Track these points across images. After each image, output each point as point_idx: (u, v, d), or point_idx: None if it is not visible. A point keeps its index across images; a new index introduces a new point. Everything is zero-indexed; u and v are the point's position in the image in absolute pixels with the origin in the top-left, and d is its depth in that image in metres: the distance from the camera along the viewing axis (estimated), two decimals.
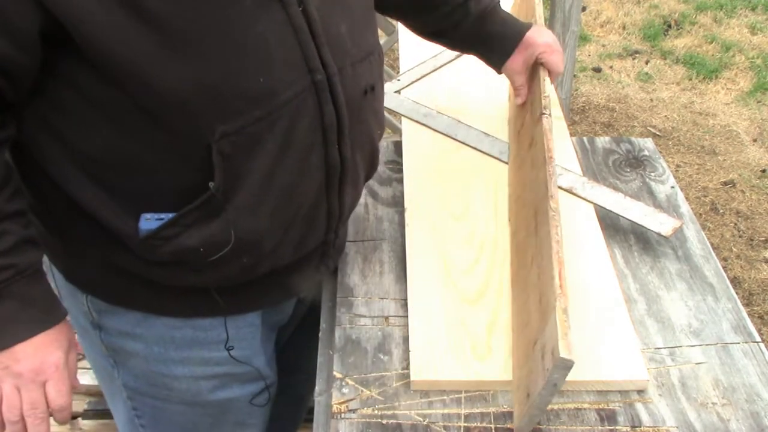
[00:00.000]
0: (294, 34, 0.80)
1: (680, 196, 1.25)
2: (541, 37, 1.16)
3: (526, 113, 1.19)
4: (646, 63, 3.57)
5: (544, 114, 1.05)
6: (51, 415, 0.86)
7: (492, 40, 1.16)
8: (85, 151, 0.80)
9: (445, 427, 0.88)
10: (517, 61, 1.17)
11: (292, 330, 1.18)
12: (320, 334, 1.04)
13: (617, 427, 0.88)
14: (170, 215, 0.82)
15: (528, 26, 1.17)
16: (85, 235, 0.88)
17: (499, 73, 1.20)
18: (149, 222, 0.82)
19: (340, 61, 0.85)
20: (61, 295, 0.98)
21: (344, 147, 0.89)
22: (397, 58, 1.68)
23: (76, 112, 0.78)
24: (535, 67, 1.17)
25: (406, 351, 0.96)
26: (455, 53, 1.52)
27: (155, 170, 0.81)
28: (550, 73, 1.16)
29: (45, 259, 0.88)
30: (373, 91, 0.94)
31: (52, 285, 0.88)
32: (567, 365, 0.73)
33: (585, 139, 1.39)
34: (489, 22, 1.14)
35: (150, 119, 0.77)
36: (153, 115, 0.76)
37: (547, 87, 1.12)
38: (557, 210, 0.91)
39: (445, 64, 1.49)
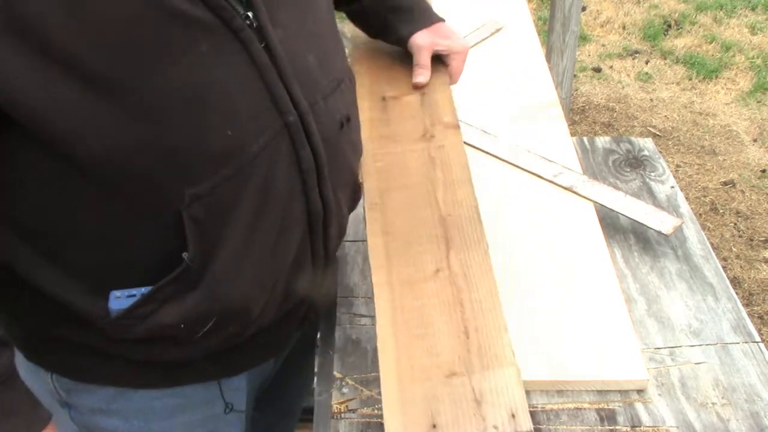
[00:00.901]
0: (259, 75, 0.72)
1: (680, 196, 1.25)
2: (457, 36, 1.11)
3: (417, 96, 1.11)
4: (646, 63, 3.57)
5: (456, 125, 1.01)
6: None
7: (402, 9, 1.09)
8: (40, 231, 0.72)
9: None
10: (425, 37, 1.08)
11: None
12: (320, 334, 1.04)
13: (617, 427, 0.87)
14: (143, 290, 0.74)
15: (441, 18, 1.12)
16: (46, 317, 0.79)
17: (406, 46, 1.11)
18: (120, 300, 0.74)
19: (311, 97, 0.78)
20: (21, 372, 0.80)
21: (325, 189, 0.81)
22: None
23: (22, 191, 0.70)
24: (435, 63, 1.12)
25: None
26: None
27: (120, 244, 0.72)
28: (451, 79, 1.11)
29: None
30: (349, 122, 0.87)
31: None
32: None
33: (585, 139, 1.39)
34: None
35: (108, 190, 0.68)
36: (111, 185, 0.68)
37: (451, 95, 1.08)
38: (482, 236, 0.86)
39: None
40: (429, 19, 1.11)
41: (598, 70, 3.52)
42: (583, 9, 3.74)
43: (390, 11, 1.08)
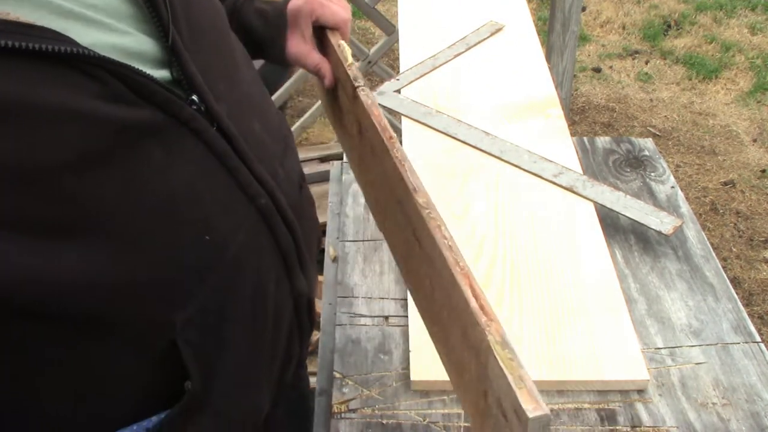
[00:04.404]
0: (221, 164, 0.63)
1: (680, 196, 1.25)
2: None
3: (341, 93, 0.93)
4: (646, 63, 3.57)
5: (358, 87, 0.82)
6: None
7: (258, 36, 0.93)
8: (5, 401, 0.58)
9: (445, 427, 0.88)
10: (295, 43, 0.92)
11: None
12: (320, 334, 1.04)
13: (617, 427, 0.87)
14: (134, 428, 0.63)
15: (286, 2, 0.93)
16: None
17: (287, 65, 0.97)
18: None
19: (272, 170, 0.70)
20: None
21: (306, 262, 0.75)
22: (397, 58, 1.68)
23: None
24: (323, 33, 0.93)
25: (406, 351, 0.96)
26: (454, 52, 1.52)
27: (107, 392, 0.61)
28: (339, 31, 0.92)
29: None
30: (304, 180, 0.82)
31: None
32: (543, 421, 0.52)
33: (585, 139, 1.39)
34: (245, 16, 0.92)
35: (82, 342, 0.57)
36: (85, 337, 0.57)
37: (348, 54, 0.88)
38: (431, 204, 0.66)
39: (444, 63, 1.49)
40: (281, 21, 0.92)
41: (598, 70, 3.52)
42: (583, 9, 3.74)
43: (250, 45, 0.88)
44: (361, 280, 1.08)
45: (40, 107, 0.49)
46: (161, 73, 0.59)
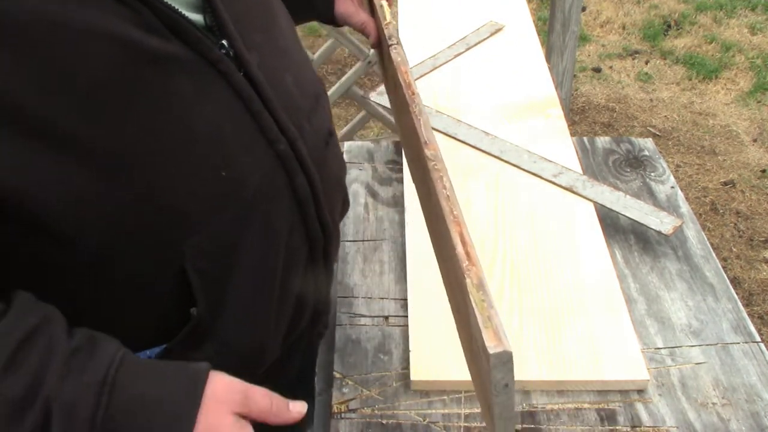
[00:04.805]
0: (244, 107, 0.67)
1: (680, 196, 1.24)
2: None
3: (384, 51, 0.97)
4: (646, 63, 3.57)
5: (391, 45, 0.88)
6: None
7: None
8: None
9: (445, 427, 0.88)
10: (343, 2, 0.97)
11: None
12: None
13: (617, 427, 0.87)
14: (148, 353, 0.67)
15: None
16: None
17: (337, 24, 1.01)
18: None
19: (296, 121, 0.73)
20: None
21: (323, 215, 0.78)
22: None
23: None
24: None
25: (406, 351, 0.96)
26: (454, 52, 1.52)
27: (119, 314, 0.65)
28: None
29: None
30: (332, 137, 0.84)
31: None
32: (503, 358, 0.55)
33: (585, 139, 1.39)
34: None
35: (97, 262, 0.60)
36: (101, 256, 0.60)
37: (387, 13, 0.94)
38: (438, 157, 0.71)
39: (444, 63, 1.49)
40: None
41: (598, 70, 3.52)
42: (583, 9, 3.74)
43: (299, 3, 0.92)
44: (361, 280, 1.08)
45: (72, 24, 0.52)
46: (195, 17, 0.63)
